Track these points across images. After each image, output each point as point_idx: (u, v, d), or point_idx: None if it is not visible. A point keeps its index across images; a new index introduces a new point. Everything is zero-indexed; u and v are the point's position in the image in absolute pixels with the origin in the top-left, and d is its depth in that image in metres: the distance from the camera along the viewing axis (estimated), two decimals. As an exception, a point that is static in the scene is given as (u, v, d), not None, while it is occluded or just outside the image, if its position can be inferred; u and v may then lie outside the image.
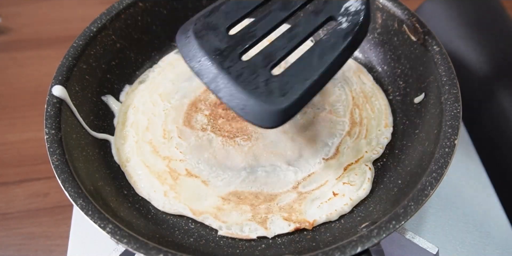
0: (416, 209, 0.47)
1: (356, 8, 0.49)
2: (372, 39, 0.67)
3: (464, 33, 0.79)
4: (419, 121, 0.59)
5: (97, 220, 0.47)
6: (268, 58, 0.49)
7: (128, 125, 0.62)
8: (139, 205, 0.56)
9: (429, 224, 0.65)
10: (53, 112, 0.54)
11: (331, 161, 0.58)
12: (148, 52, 0.69)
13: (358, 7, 0.49)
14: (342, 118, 0.61)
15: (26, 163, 0.78)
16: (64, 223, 0.71)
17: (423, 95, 0.59)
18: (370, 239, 0.45)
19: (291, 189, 0.56)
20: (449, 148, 0.50)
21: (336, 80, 0.65)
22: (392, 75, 0.65)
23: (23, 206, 0.74)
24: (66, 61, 0.58)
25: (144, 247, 0.45)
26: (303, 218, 0.54)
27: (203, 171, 0.57)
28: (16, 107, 0.85)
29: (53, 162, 0.51)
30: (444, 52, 0.58)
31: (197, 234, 0.54)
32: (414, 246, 0.51)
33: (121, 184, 0.58)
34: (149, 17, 0.67)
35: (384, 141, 0.60)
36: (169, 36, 0.70)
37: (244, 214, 0.54)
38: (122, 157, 0.59)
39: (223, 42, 0.48)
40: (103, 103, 0.63)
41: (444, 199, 0.67)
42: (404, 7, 0.62)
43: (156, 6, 0.68)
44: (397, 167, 0.58)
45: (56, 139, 0.53)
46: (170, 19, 0.70)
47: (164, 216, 0.56)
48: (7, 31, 0.96)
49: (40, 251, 0.69)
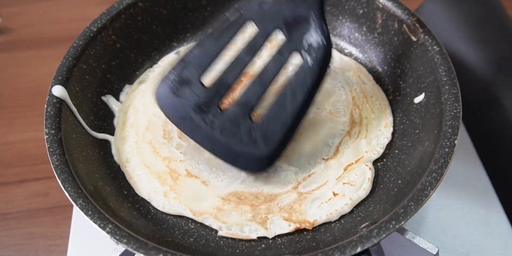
0: (416, 209, 0.47)
1: (318, 43, 0.52)
2: (372, 39, 0.67)
3: (464, 33, 0.79)
4: (419, 121, 0.59)
5: (97, 220, 0.47)
6: (245, 106, 0.53)
7: (128, 125, 0.62)
8: (139, 205, 0.56)
9: (429, 224, 0.65)
10: (53, 112, 0.55)
11: (331, 161, 0.58)
12: (148, 52, 0.69)
13: (319, 42, 0.52)
14: (342, 118, 0.61)
15: (26, 163, 0.78)
16: (64, 223, 0.71)
17: (423, 95, 0.59)
18: (370, 239, 0.45)
19: (291, 189, 0.56)
20: (449, 148, 0.50)
21: (336, 80, 0.65)
22: (392, 75, 0.65)
23: (23, 206, 0.74)
24: (66, 61, 0.58)
25: (144, 247, 0.45)
26: (303, 218, 0.54)
27: (203, 171, 0.57)
28: (16, 107, 0.85)
29: (53, 162, 0.51)
30: (444, 52, 0.58)
31: (197, 234, 0.54)
32: (414, 246, 0.51)
33: (121, 184, 0.58)
34: (149, 17, 0.67)
35: (384, 141, 0.60)
36: (169, 36, 0.70)
37: (244, 215, 0.54)
38: (122, 157, 0.59)
39: (201, 96, 0.52)
40: (103, 103, 0.63)
41: (444, 199, 0.67)
42: (404, 7, 0.62)
43: (156, 6, 0.68)
44: (397, 167, 0.58)
45: (56, 139, 0.53)
46: (170, 19, 0.70)
47: (164, 216, 0.56)
48: (7, 31, 0.96)
49: (40, 251, 0.69)
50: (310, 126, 0.60)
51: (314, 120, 0.61)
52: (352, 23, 0.69)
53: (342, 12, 0.69)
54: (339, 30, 0.70)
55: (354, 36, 0.69)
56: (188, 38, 0.72)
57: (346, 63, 0.67)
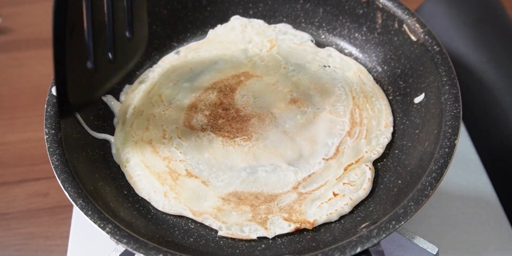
0: (416, 209, 0.47)
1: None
2: (372, 39, 0.67)
3: (464, 33, 0.79)
4: (419, 121, 0.59)
5: (97, 220, 0.47)
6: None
7: (128, 125, 0.62)
8: (139, 205, 0.56)
9: (429, 224, 0.65)
10: (53, 112, 0.55)
11: (331, 161, 0.58)
12: (148, 52, 0.69)
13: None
14: (342, 118, 0.61)
15: (26, 163, 0.78)
16: (64, 223, 0.71)
17: (423, 95, 0.59)
18: (370, 239, 0.45)
19: (291, 189, 0.56)
20: (449, 148, 0.50)
21: (337, 80, 0.65)
22: (393, 75, 0.65)
23: (23, 206, 0.74)
24: (66, 61, 0.58)
25: (143, 247, 0.45)
26: (303, 218, 0.54)
27: (203, 171, 0.57)
28: (16, 107, 0.85)
29: (53, 162, 0.51)
30: (444, 52, 0.58)
31: (197, 234, 0.54)
32: (414, 246, 0.51)
33: (121, 184, 0.58)
34: (149, 17, 0.67)
35: (384, 141, 0.60)
36: (169, 36, 0.70)
37: (244, 215, 0.54)
38: (122, 157, 0.59)
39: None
40: (103, 103, 0.63)
41: (444, 199, 0.67)
42: (404, 7, 0.62)
43: (156, 6, 0.68)
44: (397, 167, 0.58)
45: (56, 139, 0.53)
46: (170, 19, 0.70)
47: (164, 216, 0.56)
48: (7, 31, 0.96)
49: (40, 251, 0.69)
50: (310, 125, 0.60)
51: (313, 120, 0.61)
52: (352, 23, 0.69)
53: (342, 12, 0.69)
54: (339, 30, 0.70)
55: (354, 36, 0.69)
56: (188, 38, 0.72)
57: (346, 63, 0.67)
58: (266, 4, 0.72)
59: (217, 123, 0.60)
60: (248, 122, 0.60)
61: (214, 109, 0.61)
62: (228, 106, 0.62)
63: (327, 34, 0.71)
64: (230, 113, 0.61)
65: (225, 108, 0.61)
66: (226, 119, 0.60)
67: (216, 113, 0.61)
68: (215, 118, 0.61)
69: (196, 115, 0.61)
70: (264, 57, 0.67)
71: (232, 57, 0.67)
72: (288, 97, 0.62)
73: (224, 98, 0.62)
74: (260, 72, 0.66)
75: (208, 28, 0.71)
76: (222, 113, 0.61)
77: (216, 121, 0.60)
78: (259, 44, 0.69)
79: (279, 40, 0.69)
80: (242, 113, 0.61)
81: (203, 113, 0.61)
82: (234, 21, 0.71)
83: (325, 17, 0.70)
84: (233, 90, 0.63)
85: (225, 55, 0.68)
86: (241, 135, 0.59)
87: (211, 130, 0.60)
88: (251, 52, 0.68)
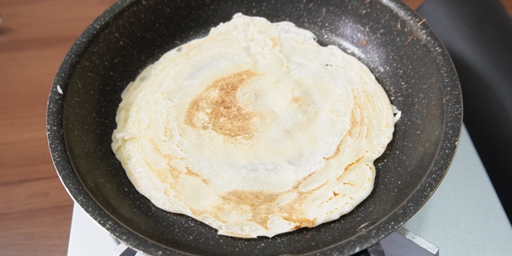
0: (415, 210, 0.47)
1: None
2: (375, 40, 0.67)
3: (464, 33, 0.79)
4: (421, 122, 0.59)
5: (97, 216, 0.47)
6: None
7: (129, 122, 0.62)
8: (139, 202, 0.56)
9: (429, 224, 0.65)
10: (55, 109, 0.55)
11: (332, 161, 0.58)
12: (151, 50, 0.69)
13: None
14: (343, 117, 0.61)
15: (26, 163, 0.78)
16: (64, 223, 0.71)
17: (399, 113, 0.62)
18: (369, 239, 0.45)
19: (291, 189, 0.56)
20: (449, 149, 0.50)
21: (338, 79, 0.65)
22: (394, 75, 0.65)
23: (23, 206, 0.74)
24: (69, 58, 0.59)
25: (143, 244, 0.45)
26: (304, 218, 0.54)
27: (204, 169, 0.57)
28: (16, 107, 0.85)
29: (54, 158, 0.51)
30: (447, 53, 0.58)
31: (196, 232, 0.55)
32: (414, 246, 0.51)
33: (122, 181, 0.58)
34: (152, 15, 0.68)
35: (385, 140, 0.60)
36: (172, 34, 0.71)
37: (244, 214, 0.54)
38: (123, 155, 0.59)
39: None
40: (105, 100, 0.63)
41: (444, 199, 0.67)
42: (407, 8, 0.62)
43: (159, 4, 0.68)
44: (398, 167, 0.58)
45: (57, 136, 0.53)
46: (173, 17, 0.70)
47: (164, 213, 0.56)
48: (7, 31, 0.96)
49: (40, 251, 0.69)
50: (311, 124, 0.60)
51: (314, 119, 0.61)
52: (355, 23, 0.69)
53: (345, 12, 0.69)
54: (342, 30, 0.70)
55: (356, 36, 0.69)
56: (191, 36, 0.72)
57: (348, 62, 0.67)
58: (269, 3, 0.72)
59: (219, 121, 0.60)
60: (250, 120, 0.60)
61: (216, 107, 0.62)
62: (230, 104, 0.62)
63: (330, 34, 0.71)
64: (231, 111, 0.61)
65: (226, 106, 0.61)
66: (227, 117, 0.60)
67: (218, 111, 0.61)
68: (217, 116, 0.61)
69: (197, 113, 0.61)
70: (266, 55, 0.67)
71: (234, 55, 0.68)
72: (289, 95, 0.62)
73: (225, 96, 0.63)
74: (262, 70, 0.66)
75: (211, 26, 0.72)
76: (224, 111, 0.61)
77: (217, 119, 0.60)
78: (261, 42, 0.69)
79: (281, 38, 0.69)
80: (244, 111, 0.61)
81: (204, 111, 0.61)
82: (236, 19, 0.71)
83: (328, 17, 0.71)
84: (234, 88, 0.63)
85: (227, 53, 0.68)
86: (243, 133, 0.59)
87: (213, 128, 0.60)
88: (253, 50, 0.68)
